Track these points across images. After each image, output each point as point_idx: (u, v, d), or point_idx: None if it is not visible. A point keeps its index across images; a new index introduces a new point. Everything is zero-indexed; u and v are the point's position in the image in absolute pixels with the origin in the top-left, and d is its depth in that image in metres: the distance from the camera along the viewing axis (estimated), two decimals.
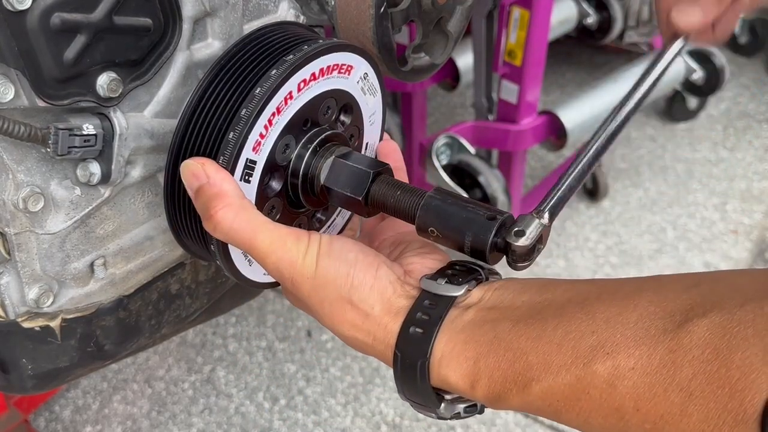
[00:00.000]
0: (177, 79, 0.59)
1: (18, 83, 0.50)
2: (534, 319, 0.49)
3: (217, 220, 0.51)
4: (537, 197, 2.01)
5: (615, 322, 0.46)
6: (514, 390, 0.48)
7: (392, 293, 0.53)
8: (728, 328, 0.41)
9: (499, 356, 0.49)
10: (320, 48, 0.55)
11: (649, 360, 0.43)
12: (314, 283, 0.53)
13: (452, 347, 0.50)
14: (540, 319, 0.49)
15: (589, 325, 0.47)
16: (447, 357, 0.50)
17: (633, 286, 0.48)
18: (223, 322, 1.84)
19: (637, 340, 0.44)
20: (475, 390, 0.49)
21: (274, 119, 0.54)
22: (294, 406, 1.65)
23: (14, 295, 0.59)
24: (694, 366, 0.42)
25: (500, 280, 0.55)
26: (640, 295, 0.47)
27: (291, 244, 0.53)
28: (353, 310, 0.53)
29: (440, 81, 2.09)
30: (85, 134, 0.54)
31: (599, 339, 0.46)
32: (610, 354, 0.45)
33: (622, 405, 0.44)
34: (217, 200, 0.51)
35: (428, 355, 0.50)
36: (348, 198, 0.58)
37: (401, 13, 0.68)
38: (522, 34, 1.64)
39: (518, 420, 1.62)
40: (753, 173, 2.30)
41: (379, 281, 0.53)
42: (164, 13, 0.55)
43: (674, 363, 0.42)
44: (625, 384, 0.44)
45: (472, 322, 0.51)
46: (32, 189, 0.55)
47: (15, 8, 0.47)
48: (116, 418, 1.63)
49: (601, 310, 0.47)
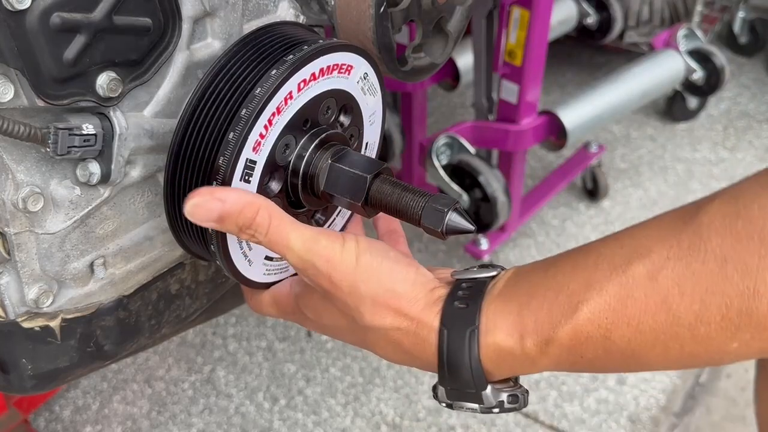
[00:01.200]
0: (177, 79, 0.59)
1: (17, 83, 0.50)
2: (563, 260, 0.52)
3: (258, 224, 0.52)
4: (537, 197, 2.01)
5: (638, 235, 0.49)
6: (563, 322, 0.48)
7: (433, 286, 0.55)
8: (736, 196, 0.46)
9: (540, 297, 0.50)
10: (320, 48, 0.55)
11: (680, 245, 0.46)
12: (355, 277, 0.53)
13: (494, 309, 0.51)
14: (569, 258, 0.51)
15: (616, 243, 0.50)
16: (491, 320, 0.51)
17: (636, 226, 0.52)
18: (223, 322, 1.84)
19: (662, 237, 0.47)
20: (525, 340, 0.50)
21: (274, 119, 0.54)
22: (294, 406, 1.65)
23: (14, 295, 0.59)
24: (719, 232, 0.44)
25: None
26: (649, 221, 0.51)
27: (325, 241, 0.53)
28: (397, 299, 0.53)
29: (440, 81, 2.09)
30: (84, 134, 0.54)
31: (630, 249, 0.48)
32: (643, 255, 0.47)
33: (668, 294, 0.45)
34: (249, 209, 0.51)
35: (477, 323, 0.51)
36: (347, 201, 0.58)
37: (401, 13, 0.68)
38: (522, 34, 1.64)
39: (518, 420, 1.62)
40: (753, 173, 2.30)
41: (421, 277, 0.55)
42: (164, 13, 0.55)
43: (701, 238, 0.45)
44: (664, 274, 0.46)
45: (506, 285, 0.53)
46: (32, 189, 0.55)
47: (14, 8, 0.47)
48: (116, 418, 1.63)
49: (620, 234, 0.51)
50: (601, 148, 2.14)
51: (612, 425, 1.60)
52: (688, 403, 1.66)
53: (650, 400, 1.65)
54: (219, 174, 0.53)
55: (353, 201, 0.58)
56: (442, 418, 1.62)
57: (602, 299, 0.47)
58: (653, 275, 0.46)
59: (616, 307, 0.47)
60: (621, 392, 1.67)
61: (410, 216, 0.56)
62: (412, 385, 1.69)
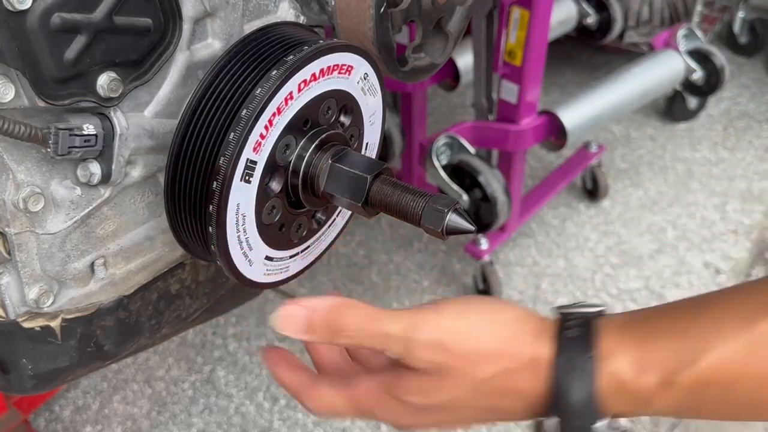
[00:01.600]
0: (177, 79, 0.59)
1: (18, 83, 0.50)
2: (680, 307, 0.50)
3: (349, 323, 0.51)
4: (537, 197, 2.01)
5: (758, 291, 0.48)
6: (687, 365, 0.47)
7: (538, 318, 0.53)
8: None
9: (663, 338, 0.48)
10: (321, 48, 0.56)
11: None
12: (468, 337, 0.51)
13: (613, 340, 0.49)
14: (686, 306, 0.50)
15: (740, 295, 0.49)
16: (610, 350, 0.49)
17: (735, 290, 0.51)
18: (223, 322, 1.84)
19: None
20: (645, 376, 0.48)
21: (275, 119, 0.54)
22: (294, 406, 1.65)
23: (14, 295, 0.59)
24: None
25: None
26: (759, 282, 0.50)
27: (421, 314, 0.52)
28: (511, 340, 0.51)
29: (440, 81, 2.09)
30: (85, 134, 0.54)
31: (757, 304, 0.47)
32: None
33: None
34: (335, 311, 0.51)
35: (594, 351, 0.49)
36: (347, 201, 0.58)
37: (401, 13, 0.68)
38: (522, 34, 1.64)
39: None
40: (753, 173, 2.30)
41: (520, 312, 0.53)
42: (164, 14, 0.55)
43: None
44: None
45: (624, 321, 0.51)
46: (32, 189, 0.55)
47: (15, 8, 0.47)
48: (116, 418, 1.63)
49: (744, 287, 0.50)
50: (601, 148, 2.14)
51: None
52: None
53: None
54: (219, 174, 0.53)
55: (353, 201, 0.58)
56: None
57: (729, 348, 0.47)
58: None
59: (742, 359, 0.46)
60: None
61: (410, 216, 0.56)
62: None
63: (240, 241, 0.57)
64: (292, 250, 0.63)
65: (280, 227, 0.60)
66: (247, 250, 0.58)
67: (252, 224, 0.57)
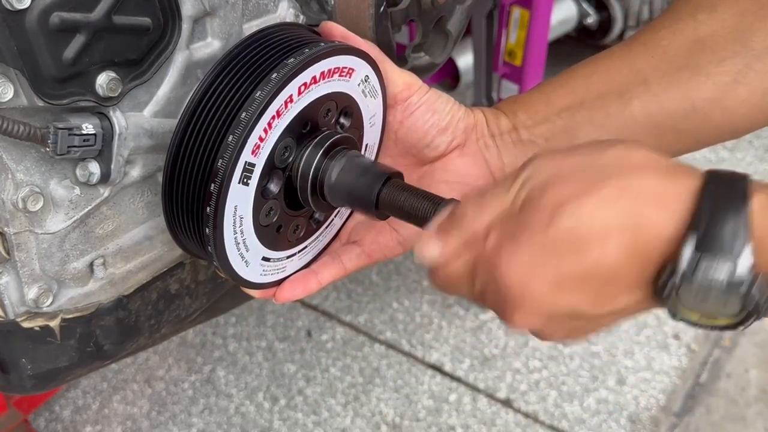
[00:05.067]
0: (176, 78, 0.59)
1: (17, 83, 0.50)
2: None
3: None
4: None
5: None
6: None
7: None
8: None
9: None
10: (321, 51, 0.55)
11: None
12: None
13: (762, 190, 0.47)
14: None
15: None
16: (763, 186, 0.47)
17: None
18: (223, 322, 1.84)
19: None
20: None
21: (274, 122, 0.54)
22: (294, 406, 1.65)
23: (13, 295, 0.59)
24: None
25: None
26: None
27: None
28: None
29: (440, 81, 2.09)
30: (84, 134, 0.54)
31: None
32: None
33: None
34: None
35: (747, 179, 0.47)
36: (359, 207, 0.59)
37: (401, 13, 0.68)
38: (522, 34, 1.64)
39: (518, 420, 1.62)
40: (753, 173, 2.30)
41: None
42: (164, 13, 0.55)
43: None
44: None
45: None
46: (31, 188, 0.55)
47: (14, 7, 0.47)
48: (116, 418, 1.63)
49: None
50: None
51: (612, 425, 1.60)
52: (688, 403, 1.66)
53: (650, 400, 1.65)
54: (217, 176, 0.53)
55: (364, 206, 0.58)
56: (442, 418, 1.62)
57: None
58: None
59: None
60: (621, 392, 1.67)
61: (419, 220, 0.56)
62: (412, 385, 1.69)
63: (237, 242, 0.57)
64: (289, 250, 0.63)
65: (278, 228, 0.60)
66: (243, 251, 0.58)
67: (249, 226, 0.57)
